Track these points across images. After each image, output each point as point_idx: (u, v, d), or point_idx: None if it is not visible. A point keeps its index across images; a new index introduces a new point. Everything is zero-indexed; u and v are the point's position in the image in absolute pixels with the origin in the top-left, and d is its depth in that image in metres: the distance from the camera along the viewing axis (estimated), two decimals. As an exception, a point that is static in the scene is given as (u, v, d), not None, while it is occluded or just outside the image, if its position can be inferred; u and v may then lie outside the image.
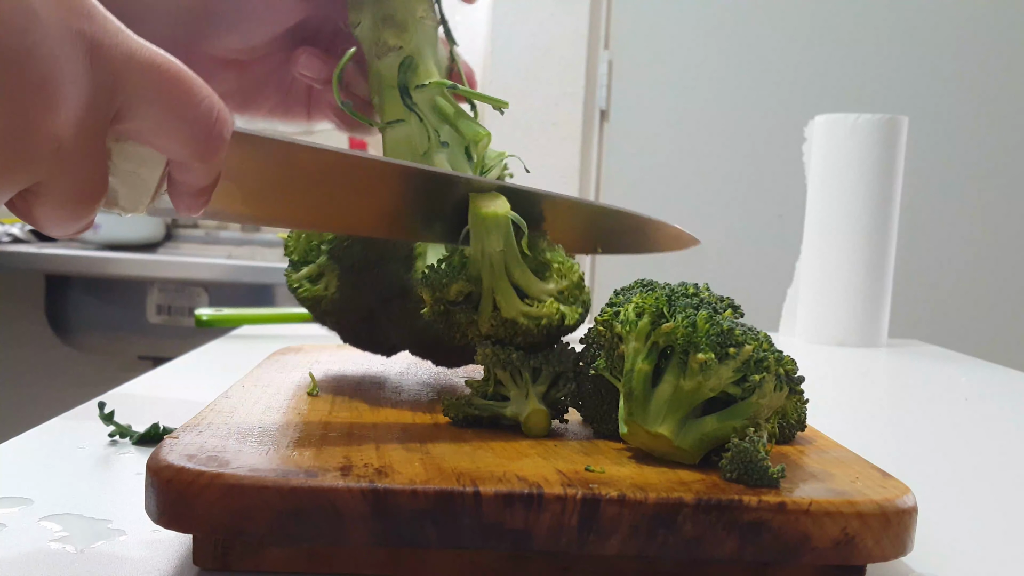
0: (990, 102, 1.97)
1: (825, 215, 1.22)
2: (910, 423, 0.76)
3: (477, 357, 0.45)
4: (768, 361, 0.39)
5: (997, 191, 1.99)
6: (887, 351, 1.20)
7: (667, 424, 0.39)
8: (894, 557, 0.36)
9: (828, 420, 0.50)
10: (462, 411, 0.45)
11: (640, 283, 0.44)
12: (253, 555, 0.36)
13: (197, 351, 0.90)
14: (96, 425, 0.56)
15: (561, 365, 0.45)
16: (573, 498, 0.34)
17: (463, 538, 0.34)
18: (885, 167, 1.19)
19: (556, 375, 0.45)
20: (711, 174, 2.01)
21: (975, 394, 0.94)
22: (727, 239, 2.00)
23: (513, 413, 0.44)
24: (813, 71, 1.97)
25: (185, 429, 0.39)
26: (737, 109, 2.00)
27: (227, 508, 0.33)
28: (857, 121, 1.19)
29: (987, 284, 2.00)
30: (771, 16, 1.98)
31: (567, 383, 0.45)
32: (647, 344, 0.40)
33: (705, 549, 0.35)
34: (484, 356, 0.45)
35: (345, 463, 0.36)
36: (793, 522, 0.35)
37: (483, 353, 0.45)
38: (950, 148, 1.97)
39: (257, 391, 0.50)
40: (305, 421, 0.44)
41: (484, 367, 0.45)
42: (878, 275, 1.20)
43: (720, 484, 0.37)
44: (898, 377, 1.05)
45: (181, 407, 0.63)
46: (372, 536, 0.34)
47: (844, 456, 0.43)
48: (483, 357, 0.45)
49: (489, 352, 0.45)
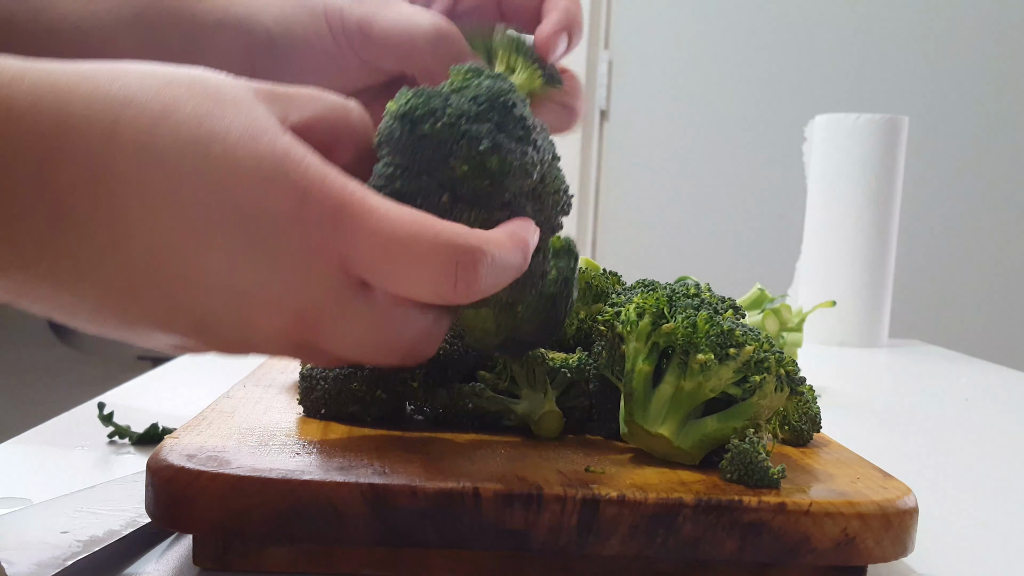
0: (990, 102, 1.97)
1: (825, 215, 1.22)
2: (910, 423, 0.76)
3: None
4: (769, 362, 0.38)
5: (997, 191, 1.99)
6: (887, 351, 1.20)
7: (667, 425, 0.39)
8: (895, 558, 0.36)
9: (828, 420, 0.50)
10: (471, 402, 0.44)
11: (641, 283, 0.44)
12: (253, 555, 0.36)
13: (197, 351, 0.90)
14: (96, 425, 0.56)
15: (578, 375, 0.45)
16: (573, 498, 0.34)
17: (463, 538, 0.34)
18: (885, 167, 1.19)
19: (571, 383, 0.45)
20: (711, 174, 2.01)
21: (975, 394, 0.94)
22: (727, 239, 2.00)
23: (524, 411, 0.44)
24: (813, 71, 1.97)
25: (185, 429, 0.39)
26: (737, 109, 2.00)
27: (227, 508, 0.33)
28: (857, 121, 1.19)
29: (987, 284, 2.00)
30: (771, 16, 1.98)
31: (581, 396, 0.45)
32: (648, 344, 0.40)
33: (705, 549, 0.35)
34: None
35: (345, 463, 0.36)
36: (793, 523, 0.35)
37: None
38: (950, 148, 1.97)
39: (258, 391, 0.50)
40: (305, 421, 0.44)
41: (500, 360, 0.45)
42: (878, 275, 1.20)
43: (720, 485, 0.37)
44: (898, 377, 1.05)
45: (181, 407, 0.63)
46: (372, 536, 0.34)
47: (845, 456, 0.43)
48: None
49: None
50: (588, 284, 0.47)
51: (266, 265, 0.30)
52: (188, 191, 0.29)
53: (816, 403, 0.47)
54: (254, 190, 0.30)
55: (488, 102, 0.36)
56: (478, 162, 0.35)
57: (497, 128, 0.36)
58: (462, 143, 0.35)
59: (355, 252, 0.31)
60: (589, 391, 0.45)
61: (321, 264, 0.31)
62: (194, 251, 0.30)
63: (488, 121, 0.36)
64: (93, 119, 0.29)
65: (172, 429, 0.54)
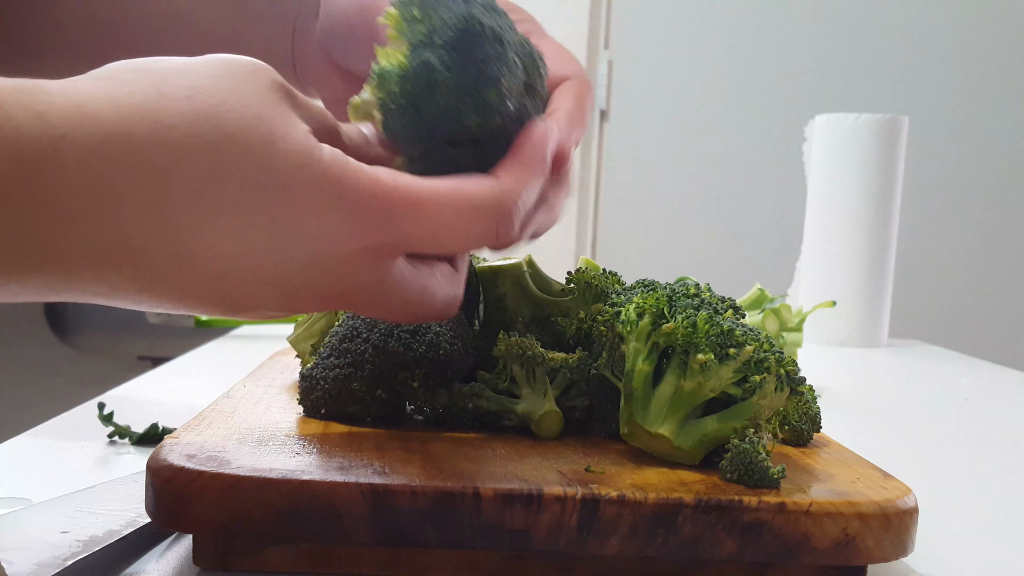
0: (990, 102, 1.97)
1: (825, 215, 1.22)
2: (910, 423, 0.76)
3: (496, 350, 0.45)
4: (769, 362, 0.38)
5: (997, 191, 1.99)
6: (887, 351, 1.20)
7: (667, 424, 0.39)
8: (895, 558, 0.36)
9: (828, 420, 0.50)
10: (471, 402, 0.44)
11: (641, 283, 0.44)
12: (253, 555, 0.36)
13: (197, 351, 0.90)
14: (96, 425, 0.56)
15: (578, 375, 0.45)
16: (573, 498, 0.34)
17: (463, 538, 0.34)
18: (885, 167, 1.19)
19: (571, 383, 0.45)
20: (711, 174, 2.01)
21: (975, 394, 0.94)
22: (727, 239, 2.00)
23: (524, 411, 0.44)
24: (813, 71, 1.97)
25: (185, 429, 0.39)
26: (737, 109, 2.00)
27: (227, 508, 0.33)
28: (857, 121, 1.19)
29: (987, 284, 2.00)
30: (771, 16, 1.98)
31: (581, 396, 0.45)
32: (648, 344, 0.40)
33: (705, 549, 0.35)
34: (503, 349, 0.45)
35: (345, 463, 0.36)
36: (793, 523, 0.35)
37: (505, 343, 0.44)
38: (950, 148, 1.97)
39: (258, 391, 0.50)
40: (305, 421, 0.44)
41: (500, 360, 0.45)
42: (878, 275, 1.20)
43: (720, 484, 0.37)
44: (898, 377, 1.05)
45: (181, 407, 0.63)
46: (372, 536, 0.34)
47: (845, 456, 0.43)
48: (503, 349, 0.45)
49: (515, 341, 0.44)
50: (588, 284, 0.47)
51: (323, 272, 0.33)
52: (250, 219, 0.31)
53: (816, 403, 0.47)
54: (315, 218, 0.32)
55: (462, 41, 0.35)
56: (484, 107, 0.35)
57: (481, 63, 0.35)
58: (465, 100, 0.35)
59: (407, 238, 0.34)
60: (589, 391, 0.45)
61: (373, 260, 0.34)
62: (255, 267, 0.32)
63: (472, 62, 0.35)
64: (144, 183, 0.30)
65: (172, 429, 0.54)
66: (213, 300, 0.33)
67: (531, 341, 0.44)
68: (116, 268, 0.30)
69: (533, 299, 0.48)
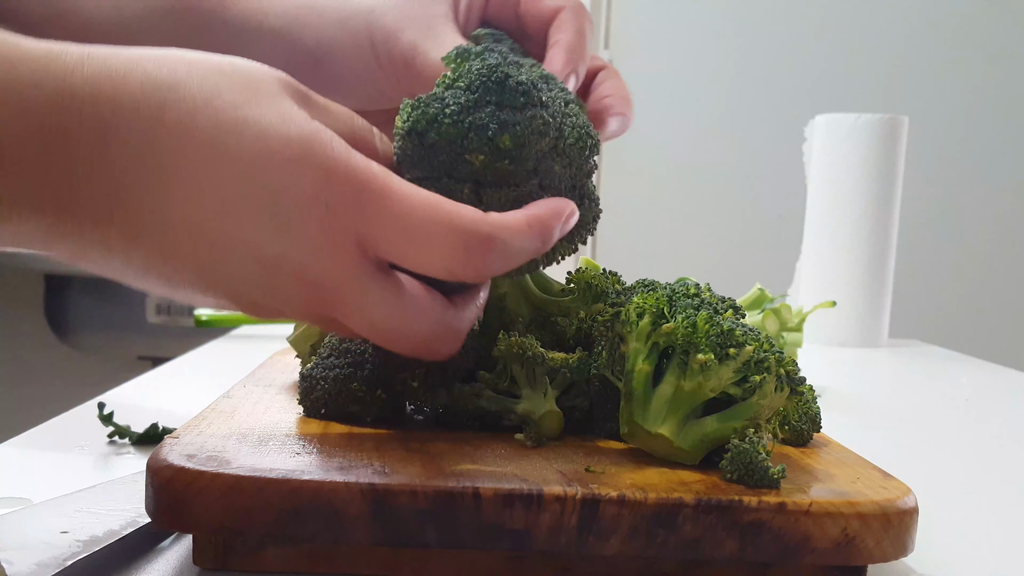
0: (990, 102, 1.97)
1: (825, 215, 1.22)
2: (910, 423, 0.76)
3: (496, 350, 0.45)
4: (769, 362, 0.38)
5: (997, 191, 1.99)
6: (887, 351, 1.20)
7: (667, 424, 0.39)
8: (895, 558, 0.36)
9: (828, 420, 0.50)
10: (471, 402, 0.44)
11: (641, 283, 0.44)
12: (253, 555, 0.36)
13: (197, 351, 0.90)
14: (96, 425, 0.56)
15: (578, 375, 0.45)
16: (573, 498, 0.34)
17: (463, 538, 0.34)
18: (885, 167, 1.19)
19: (571, 383, 0.45)
20: (711, 174, 2.01)
21: (975, 394, 0.94)
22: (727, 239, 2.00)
23: (524, 411, 0.44)
24: (813, 71, 1.97)
25: (185, 429, 0.39)
26: (737, 109, 2.00)
27: (227, 508, 0.33)
28: (857, 121, 1.19)
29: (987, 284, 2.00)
30: (771, 16, 1.98)
31: (581, 396, 0.45)
32: (648, 344, 0.40)
33: (705, 549, 0.35)
34: (503, 349, 0.44)
35: (345, 463, 0.36)
36: (793, 523, 0.35)
37: (505, 343, 0.44)
38: (950, 148, 1.97)
39: (258, 391, 0.50)
40: (305, 421, 0.44)
41: (500, 360, 0.45)
42: (878, 275, 1.20)
43: (720, 484, 0.37)
44: (898, 377, 1.05)
45: (181, 407, 0.63)
46: (372, 536, 0.34)
47: (845, 456, 0.43)
48: (503, 349, 0.44)
49: (515, 341, 0.44)
50: (588, 284, 0.47)
51: (289, 239, 0.33)
52: (223, 170, 0.32)
53: (816, 403, 0.47)
54: (282, 170, 0.32)
55: (482, 86, 0.37)
56: (492, 148, 0.36)
57: (497, 107, 0.36)
58: (471, 136, 0.36)
59: (373, 231, 0.33)
60: (589, 391, 0.45)
61: (340, 240, 0.33)
62: (227, 224, 0.33)
63: (487, 104, 0.37)
64: (143, 103, 0.32)
65: (172, 429, 0.54)
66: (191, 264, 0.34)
67: (531, 341, 0.44)
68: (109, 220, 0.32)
69: (533, 299, 0.48)
